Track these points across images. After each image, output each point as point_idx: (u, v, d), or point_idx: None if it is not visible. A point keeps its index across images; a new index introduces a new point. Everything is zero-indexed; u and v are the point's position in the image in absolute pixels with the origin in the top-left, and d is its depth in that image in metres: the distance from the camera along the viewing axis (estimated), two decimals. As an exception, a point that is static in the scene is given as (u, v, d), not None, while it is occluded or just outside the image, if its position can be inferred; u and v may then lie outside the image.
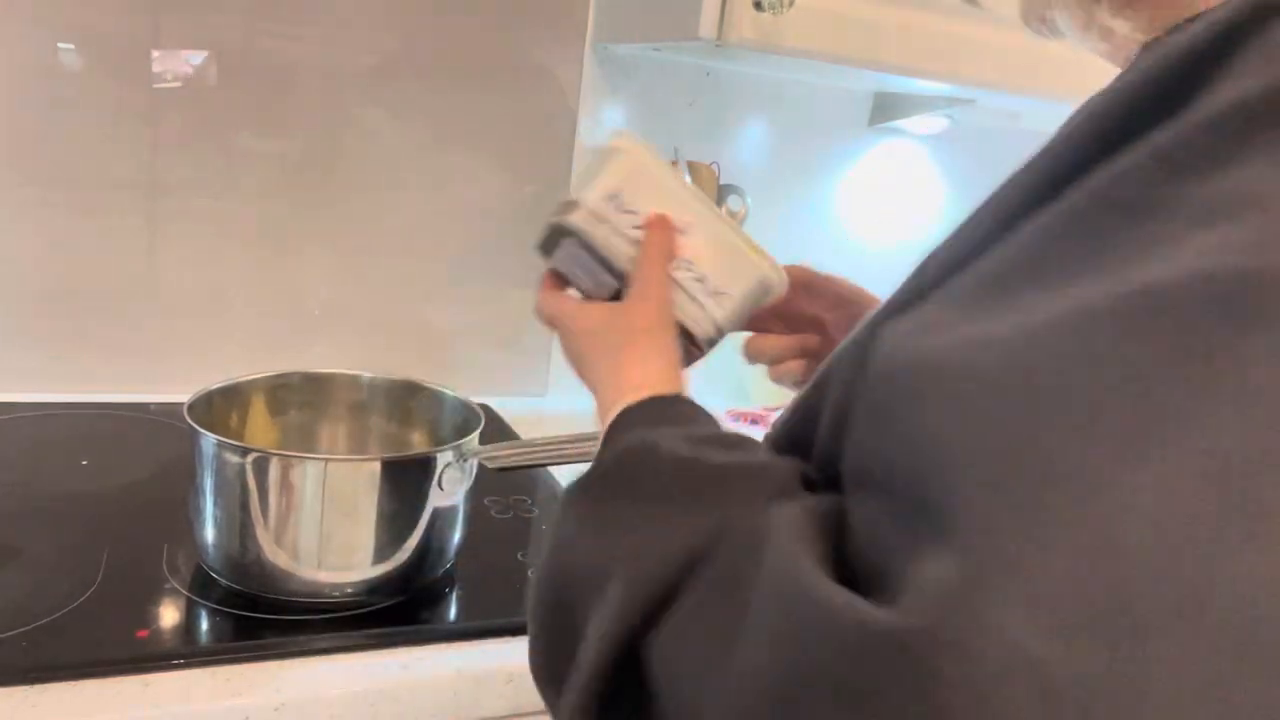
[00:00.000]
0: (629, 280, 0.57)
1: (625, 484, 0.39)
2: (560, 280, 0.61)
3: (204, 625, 0.67)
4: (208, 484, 0.67)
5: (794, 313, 0.66)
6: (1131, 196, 0.29)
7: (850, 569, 0.29)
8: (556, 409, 1.24)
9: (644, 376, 0.51)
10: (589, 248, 0.58)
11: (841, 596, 0.26)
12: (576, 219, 0.57)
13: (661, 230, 0.56)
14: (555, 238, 0.59)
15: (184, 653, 0.63)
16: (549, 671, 0.40)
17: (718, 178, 1.16)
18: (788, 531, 0.30)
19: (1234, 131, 0.28)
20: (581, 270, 0.59)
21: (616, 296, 0.58)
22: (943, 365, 0.29)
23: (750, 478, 0.37)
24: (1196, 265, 0.26)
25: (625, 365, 0.52)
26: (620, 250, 0.57)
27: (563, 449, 0.70)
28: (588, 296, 0.60)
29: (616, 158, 0.59)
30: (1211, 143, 0.28)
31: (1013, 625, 0.23)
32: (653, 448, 0.40)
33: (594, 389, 0.54)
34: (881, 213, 1.37)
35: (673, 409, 0.48)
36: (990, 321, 0.29)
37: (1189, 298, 0.25)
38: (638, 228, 0.57)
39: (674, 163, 1.13)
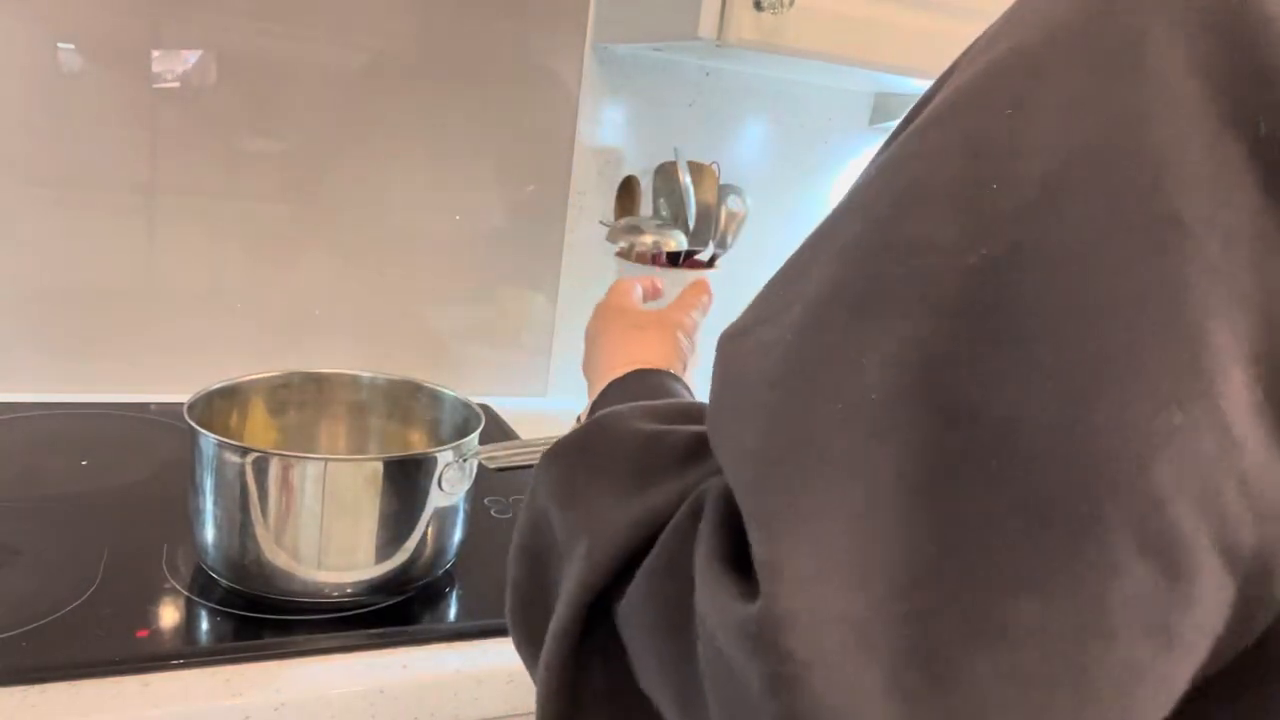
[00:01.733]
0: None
1: (592, 455, 0.42)
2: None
3: (204, 625, 0.67)
4: (208, 484, 0.67)
5: None
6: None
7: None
8: (556, 409, 1.24)
9: (642, 355, 0.58)
10: None
11: (723, 594, 0.29)
12: None
13: (705, 287, 0.72)
14: None
15: (184, 653, 0.63)
16: (524, 630, 0.43)
17: (718, 178, 1.16)
18: (710, 517, 0.32)
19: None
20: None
21: None
22: (738, 379, 0.33)
23: (693, 451, 0.39)
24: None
25: (631, 344, 0.60)
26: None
27: (563, 449, 0.70)
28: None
29: None
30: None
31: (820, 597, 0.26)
32: (617, 422, 0.43)
33: (596, 363, 0.62)
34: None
35: (651, 380, 0.54)
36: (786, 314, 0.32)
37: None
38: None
39: (673, 162, 1.13)
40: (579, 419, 0.60)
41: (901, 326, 0.27)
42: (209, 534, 0.69)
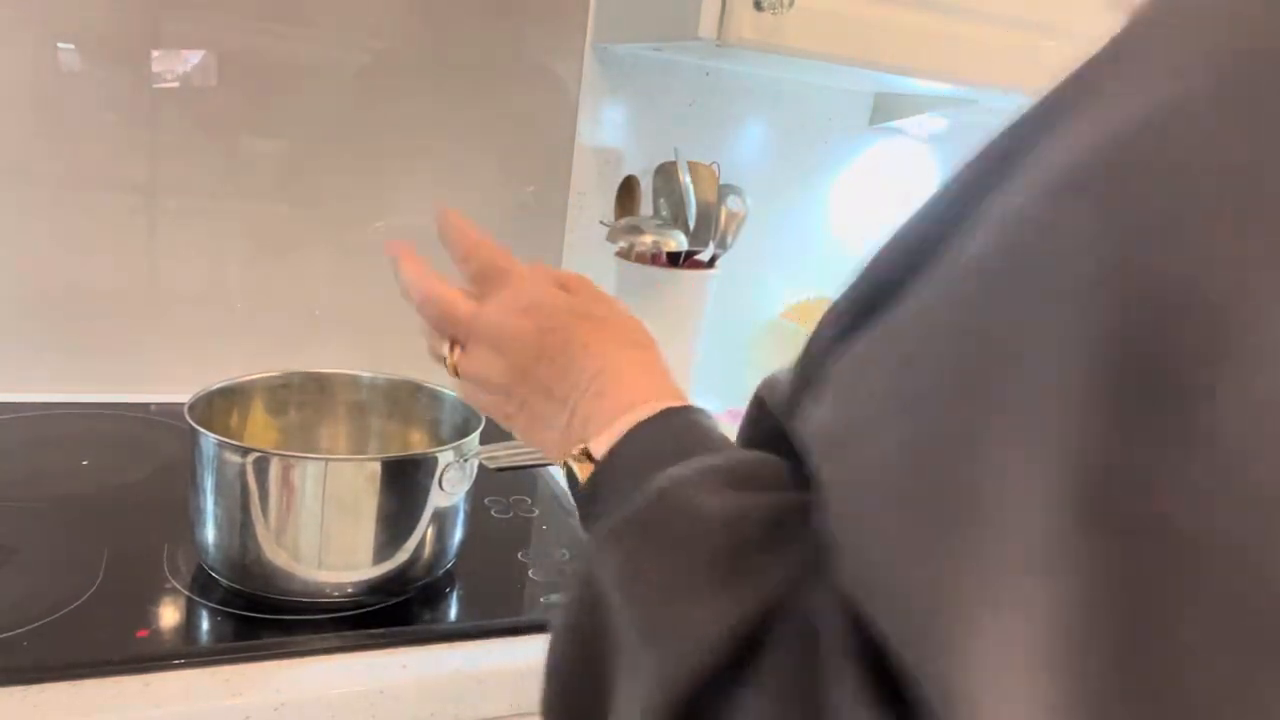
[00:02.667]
0: None
1: (661, 539, 0.36)
2: None
3: (204, 625, 0.67)
4: (208, 484, 0.67)
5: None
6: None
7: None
8: (556, 409, 1.24)
9: (656, 385, 0.50)
10: None
11: None
12: None
13: None
14: None
15: (184, 653, 0.63)
16: (563, 717, 0.39)
17: (718, 178, 1.16)
18: (839, 646, 0.29)
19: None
20: None
21: None
22: (858, 512, 0.29)
23: (776, 534, 0.35)
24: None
25: (638, 369, 0.51)
26: None
27: (563, 449, 0.70)
28: None
29: None
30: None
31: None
32: (684, 496, 0.37)
33: (587, 384, 0.51)
34: (882, 213, 1.37)
35: (687, 422, 0.47)
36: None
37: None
38: None
39: (674, 162, 1.13)
40: (584, 452, 0.50)
41: (1053, 438, 0.23)
42: (209, 534, 0.69)
